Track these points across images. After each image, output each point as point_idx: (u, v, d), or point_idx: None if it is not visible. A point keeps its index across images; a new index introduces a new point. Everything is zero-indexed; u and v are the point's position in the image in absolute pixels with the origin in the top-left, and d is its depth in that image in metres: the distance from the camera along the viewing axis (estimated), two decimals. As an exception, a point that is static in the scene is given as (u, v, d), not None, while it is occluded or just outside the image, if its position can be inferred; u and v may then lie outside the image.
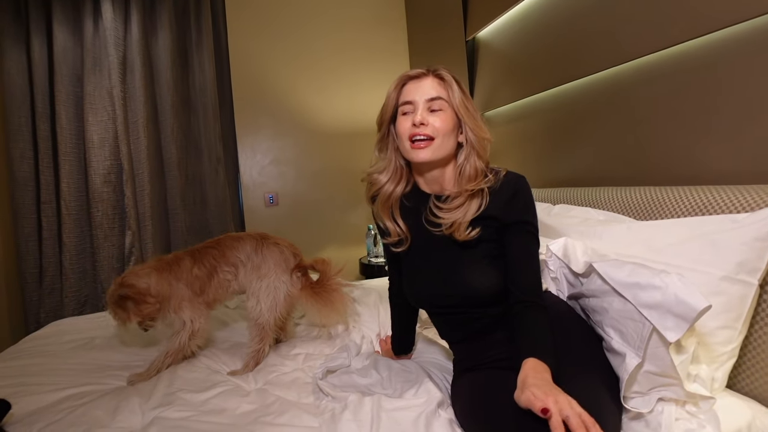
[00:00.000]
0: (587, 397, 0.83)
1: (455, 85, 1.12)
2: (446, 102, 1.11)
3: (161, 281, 1.58)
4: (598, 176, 1.88)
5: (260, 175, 3.35)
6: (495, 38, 2.50)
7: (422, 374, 1.31)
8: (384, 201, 1.23)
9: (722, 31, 1.34)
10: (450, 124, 1.11)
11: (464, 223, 1.11)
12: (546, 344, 0.99)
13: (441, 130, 1.11)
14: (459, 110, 1.11)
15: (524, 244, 1.12)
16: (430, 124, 1.10)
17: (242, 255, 1.67)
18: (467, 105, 1.12)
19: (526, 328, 1.04)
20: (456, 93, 1.11)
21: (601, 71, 1.79)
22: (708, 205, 1.26)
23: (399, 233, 1.23)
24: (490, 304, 1.14)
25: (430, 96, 1.12)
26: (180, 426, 1.16)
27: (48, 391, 1.41)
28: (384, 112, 1.21)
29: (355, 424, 1.08)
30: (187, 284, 1.61)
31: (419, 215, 1.20)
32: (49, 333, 1.96)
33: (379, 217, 1.27)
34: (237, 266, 1.67)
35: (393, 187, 1.22)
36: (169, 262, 1.64)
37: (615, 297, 1.02)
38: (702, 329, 1.08)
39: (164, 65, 2.98)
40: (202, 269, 1.64)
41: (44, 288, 2.78)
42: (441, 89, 1.12)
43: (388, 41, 3.55)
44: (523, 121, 2.35)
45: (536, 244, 1.14)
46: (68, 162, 2.79)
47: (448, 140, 1.12)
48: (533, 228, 1.13)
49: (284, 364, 1.56)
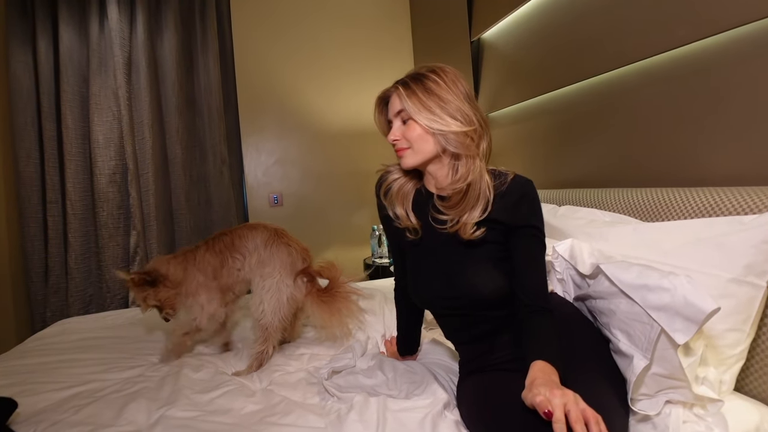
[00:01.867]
0: (594, 399, 0.82)
1: (404, 92, 1.12)
2: (406, 112, 1.13)
3: (177, 267, 1.66)
4: (603, 178, 1.87)
5: (265, 175, 3.35)
6: (500, 39, 2.50)
7: (428, 375, 1.30)
8: (397, 191, 1.25)
9: (728, 33, 1.34)
10: (418, 130, 1.12)
11: (469, 223, 1.11)
12: (553, 348, 0.98)
13: (411, 138, 1.13)
14: (414, 117, 1.11)
15: (530, 248, 1.11)
16: (401, 137, 1.15)
17: (250, 245, 1.69)
18: (424, 105, 1.10)
19: (532, 333, 1.03)
20: (407, 101, 1.11)
21: (607, 72, 1.79)
22: (715, 207, 1.25)
23: (410, 223, 1.23)
24: (496, 306, 1.13)
25: (395, 110, 1.15)
26: (186, 426, 1.16)
27: (54, 389, 1.41)
28: (379, 126, 1.27)
29: (360, 425, 1.08)
30: (201, 270, 1.67)
31: (426, 213, 1.21)
32: (55, 332, 1.97)
33: (391, 205, 1.26)
34: (244, 255, 1.69)
35: (404, 181, 1.26)
36: (186, 251, 1.72)
37: (622, 299, 1.02)
38: (710, 332, 1.08)
39: (169, 66, 2.99)
40: (215, 256, 1.68)
41: (50, 287, 2.79)
42: (399, 101, 1.14)
43: (392, 41, 3.56)
44: (529, 122, 2.35)
45: (542, 248, 1.13)
46: (74, 162, 2.80)
47: (423, 144, 1.13)
48: (539, 232, 1.12)
49: (289, 364, 1.56)
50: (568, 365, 0.95)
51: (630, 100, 1.71)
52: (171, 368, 1.55)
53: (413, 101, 1.11)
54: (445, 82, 1.12)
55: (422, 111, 1.10)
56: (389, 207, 1.27)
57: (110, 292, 2.87)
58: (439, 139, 1.11)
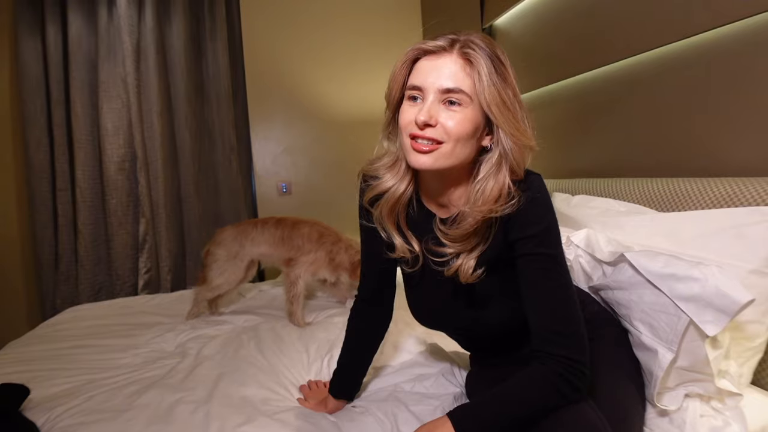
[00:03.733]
0: (613, 394, 0.80)
1: (486, 68, 0.80)
2: (468, 97, 0.81)
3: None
4: (618, 167, 1.84)
5: (273, 164, 3.34)
6: (513, 26, 2.46)
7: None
8: (391, 205, 0.95)
9: (747, 20, 1.30)
10: (470, 127, 0.82)
11: (469, 266, 0.87)
12: (488, 414, 0.78)
13: (454, 134, 0.81)
14: (490, 108, 0.81)
15: (537, 276, 0.85)
16: (440, 125, 0.81)
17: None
18: (505, 98, 0.81)
19: (501, 385, 0.82)
20: (486, 82, 0.80)
21: (623, 60, 1.75)
22: (734, 197, 1.23)
23: (411, 251, 0.96)
24: (514, 332, 0.96)
25: (446, 86, 0.81)
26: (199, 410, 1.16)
27: (66, 376, 1.42)
28: (391, 90, 0.90)
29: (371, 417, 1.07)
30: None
31: (424, 238, 0.96)
32: (67, 319, 1.98)
33: (381, 226, 0.99)
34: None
35: (404, 187, 0.94)
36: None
37: (647, 289, 0.99)
38: (731, 323, 1.05)
39: (178, 53, 2.97)
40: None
41: (60, 275, 2.80)
42: (465, 76, 0.81)
43: (402, 28, 3.51)
44: (542, 111, 2.32)
45: (557, 274, 0.85)
46: (83, 150, 2.79)
47: (464, 147, 0.83)
48: (553, 256, 0.86)
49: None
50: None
51: (646, 88, 1.68)
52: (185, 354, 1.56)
53: (492, 85, 0.80)
54: (511, 69, 0.84)
55: (506, 100, 0.81)
56: (379, 228, 1.00)
57: (120, 280, 2.88)
58: (503, 143, 0.83)
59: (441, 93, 0.82)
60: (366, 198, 1.00)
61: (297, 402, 1.24)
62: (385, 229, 0.98)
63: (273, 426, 1.08)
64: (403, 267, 1.02)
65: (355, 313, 1.19)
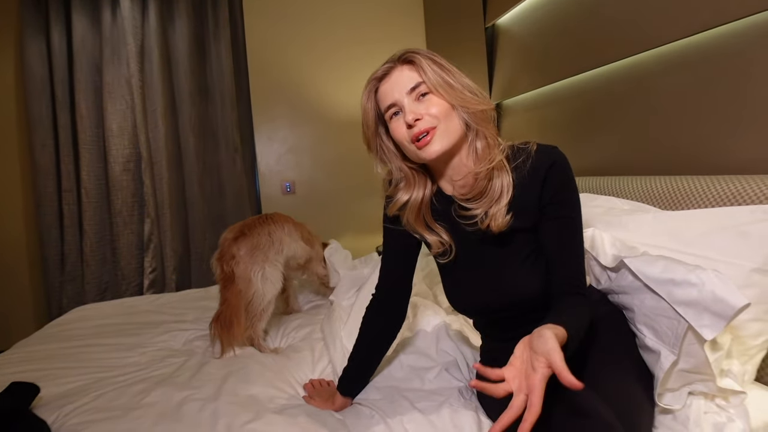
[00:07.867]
0: (623, 392, 0.81)
1: (425, 63, 0.98)
2: (427, 86, 0.98)
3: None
4: (621, 165, 1.84)
5: (277, 163, 3.35)
6: (515, 25, 2.46)
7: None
8: (416, 211, 1.08)
9: (752, 18, 1.30)
10: (445, 105, 0.97)
11: (501, 209, 0.97)
12: (576, 320, 0.87)
13: (440, 114, 0.97)
14: (438, 90, 0.97)
15: (562, 230, 0.99)
16: (425, 115, 0.97)
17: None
18: (447, 79, 0.97)
19: (560, 306, 0.94)
20: (429, 72, 0.97)
21: (625, 58, 1.75)
22: (737, 195, 1.23)
23: (442, 242, 1.08)
24: (532, 301, 1.03)
25: (408, 87, 0.98)
26: (205, 408, 1.17)
27: (75, 375, 1.43)
28: (366, 128, 1.10)
29: (377, 414, 1.08)
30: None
31: (450, 220, 1.07)
32: (74, 318, 2.00)
33: (414, 231, 1.11)
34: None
35: (422, 193, 1.08)
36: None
37: (647, 294, 0.99)
38: (733, 322, 1.06)
39: (182, 54, 2.98)
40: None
41: (66, 275, 2.83)
42: (415, 75, 0.99)
43: (405, 28, 3.52)
44: (544, 110, 2.32)
45: (576, 228, 1.00)
46: (88, 150, 2.82)
47: (452, 122, 0.98)
48: (572, 210, 1.00)
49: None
50: (594, 358, 0.92)
51: (649, 86, 1.68)
52: (192, 353, 1.57)
53: (434, 70, 0.97)
54: (445, 61, 1.02)
55: (450, 81, 0.97)
56: (411, 232, 1.12)
57: (125, 279, 2.90)
58: (462, 115, 0.98)
59: (409, 94, 0.99)
60: (391, 211, 1.12)
61: (303, 400, 1.26)
62: (417, 232, 1.10)
63: (281, 423, 1.09)
64: (439, 260, 1.13)
65: (369, 313, 1.24)
